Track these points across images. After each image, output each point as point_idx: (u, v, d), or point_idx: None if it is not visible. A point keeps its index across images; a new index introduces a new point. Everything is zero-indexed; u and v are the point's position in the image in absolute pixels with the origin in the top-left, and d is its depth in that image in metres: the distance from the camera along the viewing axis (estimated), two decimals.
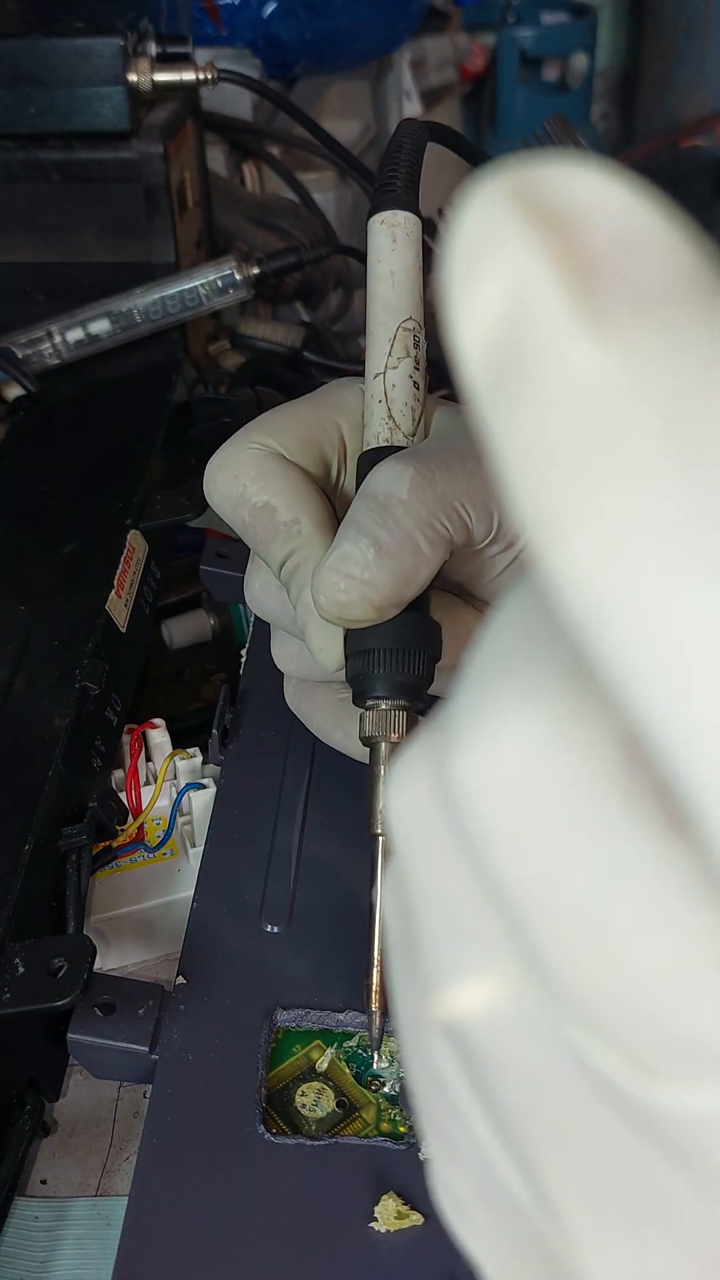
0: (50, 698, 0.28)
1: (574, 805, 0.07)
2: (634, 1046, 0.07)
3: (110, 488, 0.35)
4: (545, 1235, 0.09)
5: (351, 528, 0.21)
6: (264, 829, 0.28)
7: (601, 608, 0.06)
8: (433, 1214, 0.21)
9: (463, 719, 0.08)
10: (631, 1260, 0.09)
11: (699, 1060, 0.07)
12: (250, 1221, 0.21)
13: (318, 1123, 0.23)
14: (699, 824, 0.06)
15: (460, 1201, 0.11)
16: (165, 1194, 0.21)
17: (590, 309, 0.06)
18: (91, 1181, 0.24)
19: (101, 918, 0.28)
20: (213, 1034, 0.24)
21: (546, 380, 0.06)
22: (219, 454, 0.24)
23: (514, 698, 0.07)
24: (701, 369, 0.06)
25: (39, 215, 0.43)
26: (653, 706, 0.06)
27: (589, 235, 0.06)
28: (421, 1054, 0.10)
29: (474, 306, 0.07)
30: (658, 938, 0.07)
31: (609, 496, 0.06)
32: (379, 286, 0.24)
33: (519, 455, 0.07)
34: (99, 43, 0.40)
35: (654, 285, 0.06)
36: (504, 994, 0.09)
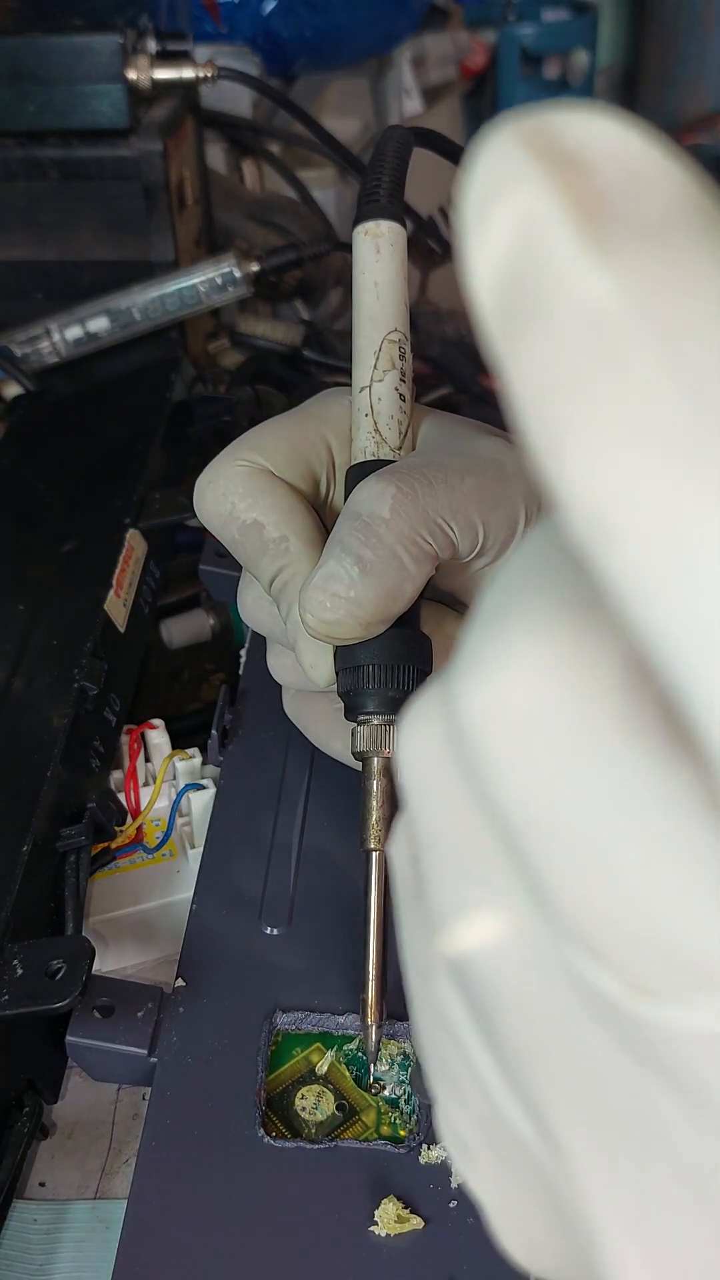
0: (49, 697, 0.28)
1: (577, 732, 0.07)
2: (634, 968, 0.08)
3: (109, 487, 0.35)
4: (547, 1167, 0.10)
5: (336, 546, 0.21)
6: (263, 830, 0.28)
7: (605, 521, 0.06)
8: (433, 1218, 0.21)
9: (469, 657, 0.08)
10: (632, 1188, 0.09)
11: (696, 978, 0.07)
12: (250, 1225, 0.21)
13: (318, 1126, 0.23)
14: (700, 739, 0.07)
15: (465, 1142, 0.11)
16: (164, 1197, 0.21)
17: (595, 239, 0.06)
18: (90, 1184, 0.24)
19: (100, 919, 0.27)
20: (212, 1036, 0.23)
21: (555, 306, 0.07)
22: (207, 471, 0.24)
23: (518, 633, 0.08)
24: (700, 291, 0.06)
25: (38, 213, 0.43)
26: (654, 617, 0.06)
27: (595, 173, 0.07)
28: (428, 998, 0.10)
29: (487, 243, 0.07)
30: (659, 859, 0.07)
31: (611, 411, 0.06)
32: (363, 298, 0.24)
33: (528, 379, 0.07)
34: (98, 40, 0.40)
35: (656, 216, 0.06)
36: (508, 927, 0.09)
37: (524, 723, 0.08)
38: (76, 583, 0.31)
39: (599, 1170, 0.09)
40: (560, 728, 0.08)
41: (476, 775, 0.08)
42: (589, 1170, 0.09)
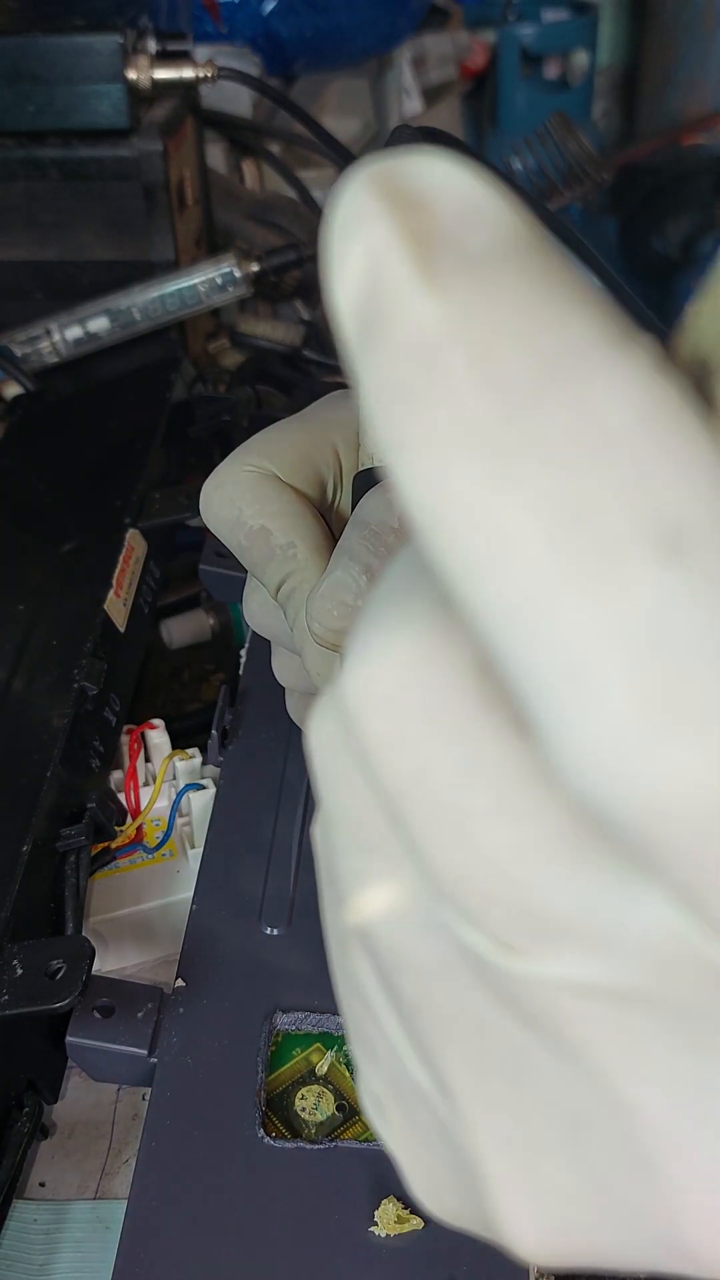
0: (48, 697, 0.28)
1: (438, 711, 0.08)
2: (495, 925, 0.08)
3: (109, 487, 0.35)
4: (444, 1117, 0.10)
5: (344, 555, 0.21)
6: (264, 830, 0.28)
7: (430, 518, 0.07)
8: (433, 1219, 0.21)
9: (351, 650, 0.09)
10: (513, 1134, 0.10)
11: (546, 931, 0.08)
12: (249, 1225, 0.21)
13: (317, 1126, 0.23)
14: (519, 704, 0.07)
15: (379, 1100, 0.12)
16: (164, 1197, 0.21)
17: (426, 270, 0.07)
18: (90, 1184, 0.24)
19: (100, 919, 0.27)
20: (212, 1037, 0.23)
21: (392, 327, 0.07)
22: (214, 476, 0.24)
23: (390, 624, 0.09)
24: (509, 311, 0.07)
25: (38, 213, 0.43)
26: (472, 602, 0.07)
27: (429, 210, 0.08)
28: (345, 966, 0.11)
29: (343, 275, 0.08)
30: (506, 822, 0.08)
31: (432, 417, 0.07)
32: None
33: (373, 392, 0.08)
34: (98, 40, 0.40)
35: (480, 247, 0.07)
36: (400, 894, 0.10)
37: (392, 701, 0.09)
38: (76, 583, 0.31)
39: (485, 1118, 0.10)
40: (423, 705, 0.08)
41: (359, 753, 0.09)
42: (476, 1118, 0.10)
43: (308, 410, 0.25)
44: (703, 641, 0.07)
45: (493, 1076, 0.09)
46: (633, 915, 0.08)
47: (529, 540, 0.07)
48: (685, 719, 0.07)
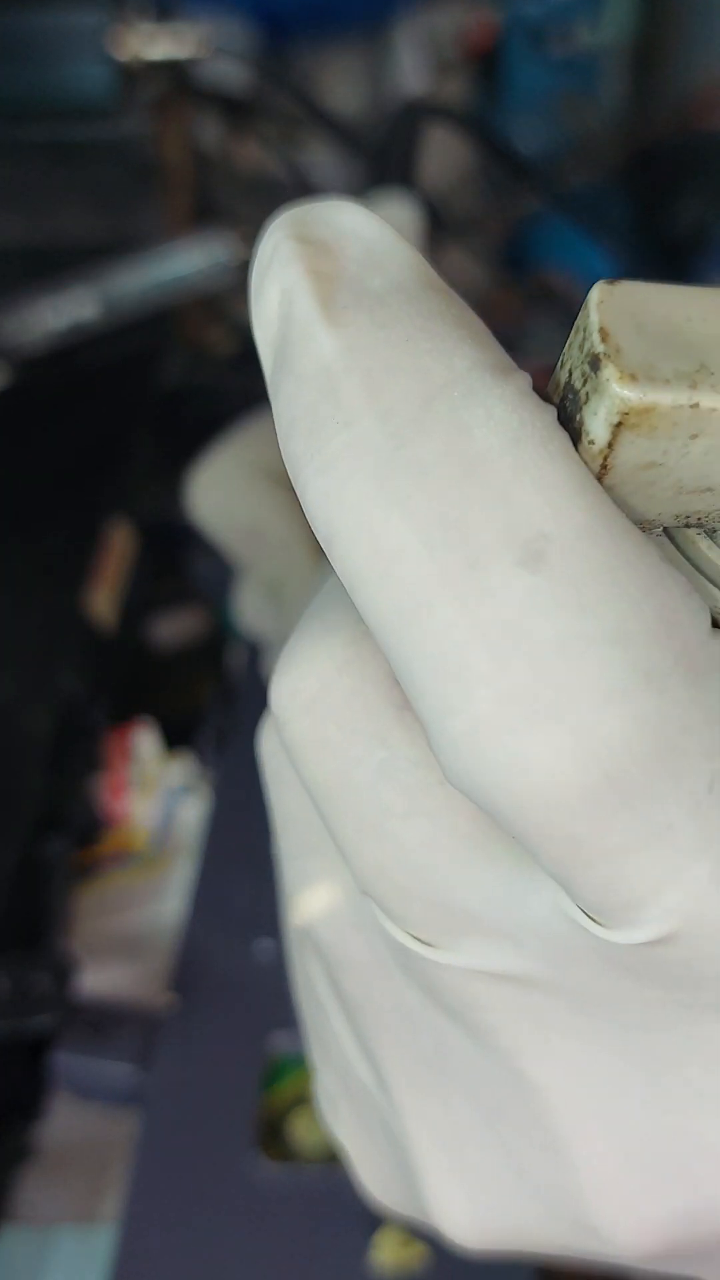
0: (32, 699, 0.27)
1: (356, 716, 0.09)
2: (412, 919, 0.09)
3: (97, 479, 0.34)
4: (382, 1108, 0.11)
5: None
6: (259, 838, 0.27)
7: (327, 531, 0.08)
8: (435, 1244, 0.20)
9: (281, 659, 0.10)
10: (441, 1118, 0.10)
11: (456, 923, 0.09)
12: (245, 1250, 0.20)
13: (316, 1148, 0.22)
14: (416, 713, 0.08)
15: (331, 1096, 0.12)
16: (156, 1222, 0.21)
17: (328, 307, 0.08)
18: (79, 1207, 0.23)
19: (85, 932, 0.27)
20: (205, 1055, 0.23)
21: (297, 358, 0.08)
22: (204, 469, 0.24)
23: (313, 635, 0.09)
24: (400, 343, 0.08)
25: (25, 194, 0.42)
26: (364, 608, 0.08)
27: (338, 255, 0.08)
28: (299, 967, 0.12)
29: (261, 311, 0.09)
30: (420, 822, 0.09)
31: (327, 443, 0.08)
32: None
33: (282, 419, 0.08)
34: (86, 16, 0.39)
35: (378, 288, 0.08)
36: (337, 894, 0.10)
37: (315, 707, 0.09)
38: (62, 579, 0.31)
39: (415, 1106, 0.10)
40: (342, 711, 0.09)
41: (289, 756, 0.10)
42: (408, 1107, 0.10)
43: None
44: (559, 640, 0.07)
45: (421, 1066, 0.10)
46: (529, 903, 0.08)
47: (409, 551, 0.08)
48: (543, 710, 0.07)
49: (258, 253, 0.09)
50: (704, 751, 0.07)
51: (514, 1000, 0.09)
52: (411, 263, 0.09)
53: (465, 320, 0.08)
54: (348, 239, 0.08)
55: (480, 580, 0.07)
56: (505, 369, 0.08)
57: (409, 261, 0.09)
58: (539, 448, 0.07)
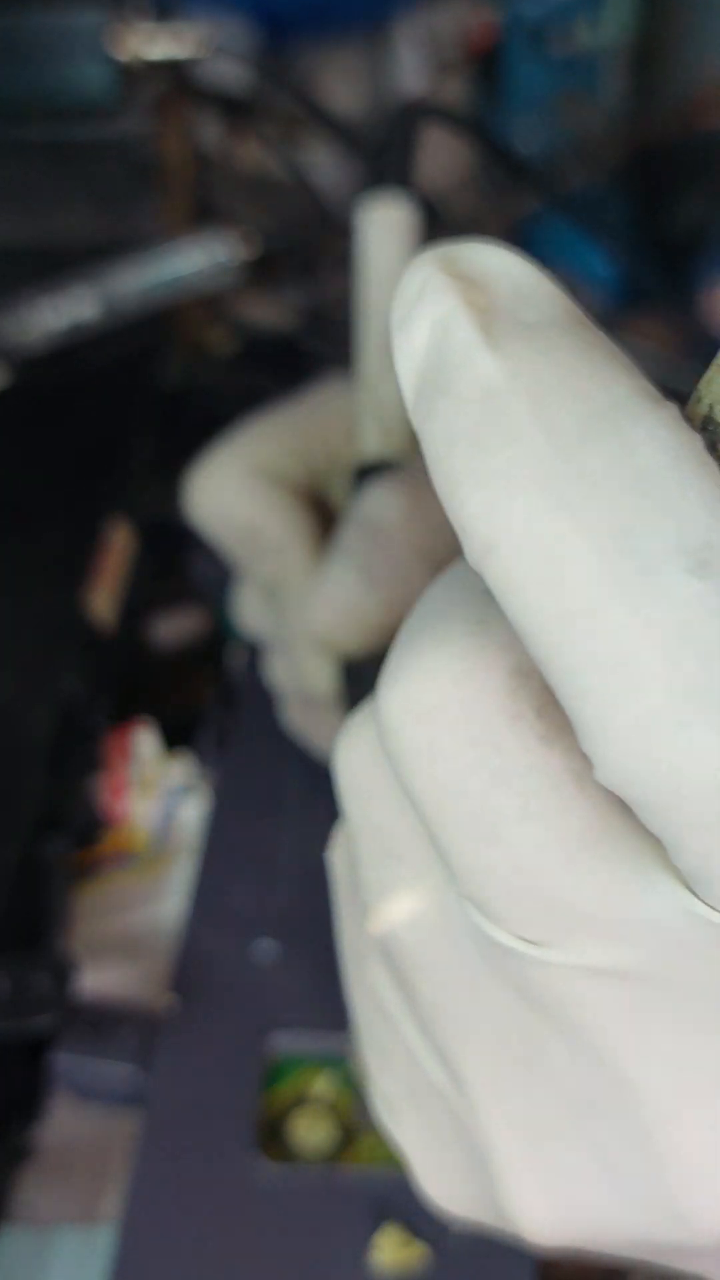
0: (32, 699, 0.27)
1: (471, 724, 0.09)
2: (517, 919, 0.09)
3: (97, 479, 0.34)
4: (458, 1110, 0.11)
5: (342, 554, 0.21)
6: (260, 839, 0.27)
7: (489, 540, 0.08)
8: (436, 1244, 0.20)
9: (391, 670, 0.10)
10: (524, 1115, 0.10)
11: (565, 922, 0.09)
12: (246, 1251, 0.20)
13: (316, 1150, 0.22)
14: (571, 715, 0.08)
15: (391, 1101, 0.13)
16: (157, 1221, 0.21)
17: (489, 334, 0.09)
18: (78, 1208, 0.23)
19: (85, 932, 0.27)
20: (205, 1056, 0.23)
21: (457, 381, 0.09)
22: (202, 469, 0.23)
23: (427, 645, 0.10)
24: (561, 370, 0.09)
25: (25, 194, 0.42)
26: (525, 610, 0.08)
27: (491, 289, 0.09)
28: (362, 980, 0.12)
29: (409, 341, 0.09)
30: (533, 822, 0.09)
31: (494, 457, 0.08)
32: (369, 291, 0.22)
33: (436, 439, 0.09)
34: (86, 15, 0.39)
35: (533, 320, 0.09)
36: (424, 900, 0.11)
37: (430, 717, 0.10)
38: (62, 579, 0.31)
39: (497, 1105, 0.11)
40: (458, 721, 0.09)
41: (394, 765, 0.10)
42: (489, 1106, 0.11)
43: (298, 401, 0.25)
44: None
45: (505, 1065, 0.10)
46: (645, 901, 0.09)
47: (580, 557, 0.08)
48: (713, 704, 0.08)
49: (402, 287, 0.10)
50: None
51: (616, 997, 0.09)
52: (560, 299, 0.09)
53: (616, 353, 0.09)
54: (497, 276, 0.09)
55: (652, 585, 0.08)
56: (657, 398, 0.09)
57: (557, 298, 0.09)
58: (699, 466, 0.08)
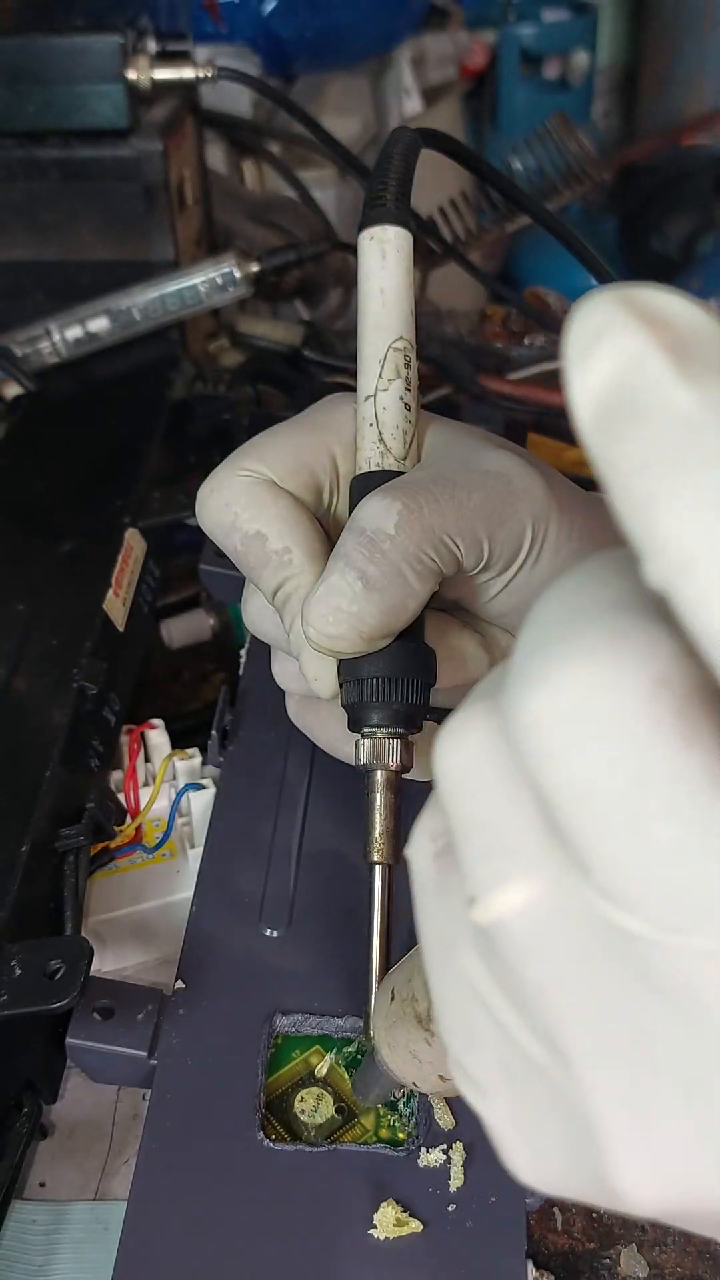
0: (48, 697, 0.28)
1: (615, 728, 0.10)
2: (651, 908, 0.10)
3: (109, 486, 0.35)
4: (561, 1087, 0.12)
5: (340, 560, 0.22)
6: (263, 831, 0.28)
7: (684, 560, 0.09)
8: (432, 1221, 0.21)
9: (527, 669, 0.10)
10: (633, 1096, 0.11)
11: (701, 912, 0.10)
12: (249, 1227, 0.21)
13: (317, 1129, 0.23)
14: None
15: (480, 1083, 0.13)
16: (164, 1198, 0.21)
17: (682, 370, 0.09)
18: (90, 1185, 0.24)
19: (99, 919, 0.27)
20: (211, 1038, 0.23)
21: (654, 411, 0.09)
22: (210, 480, 0.24)
23: (571, 649, 0.10)
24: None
25: (38, 213, 0.43)
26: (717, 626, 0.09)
27: (674, 328, 0.10)
28: (450, 967, 0.13)
29: (589, 374, 0.10)
30: (675, 823, 0.10)
31: (694, 481, 0.09)
32: (369, 305, 0.23)
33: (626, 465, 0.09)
34: (98, 40, 0.40)
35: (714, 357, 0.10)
36: (538, 892, 0.11)
37: (573, 719, 0.10)
38: (76, 582, 0.31)
39: (608, 1084, 0.11)
40: (602, 725, 0.10)
41: (527, 765, 0.10)
42: (599, 1085, 0.11)
43: (304, 413, 0.25)
44: None
45: (618, 1048, 0.11)
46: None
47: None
48: None
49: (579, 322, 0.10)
50: None
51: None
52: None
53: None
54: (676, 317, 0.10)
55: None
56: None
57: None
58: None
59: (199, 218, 0.47)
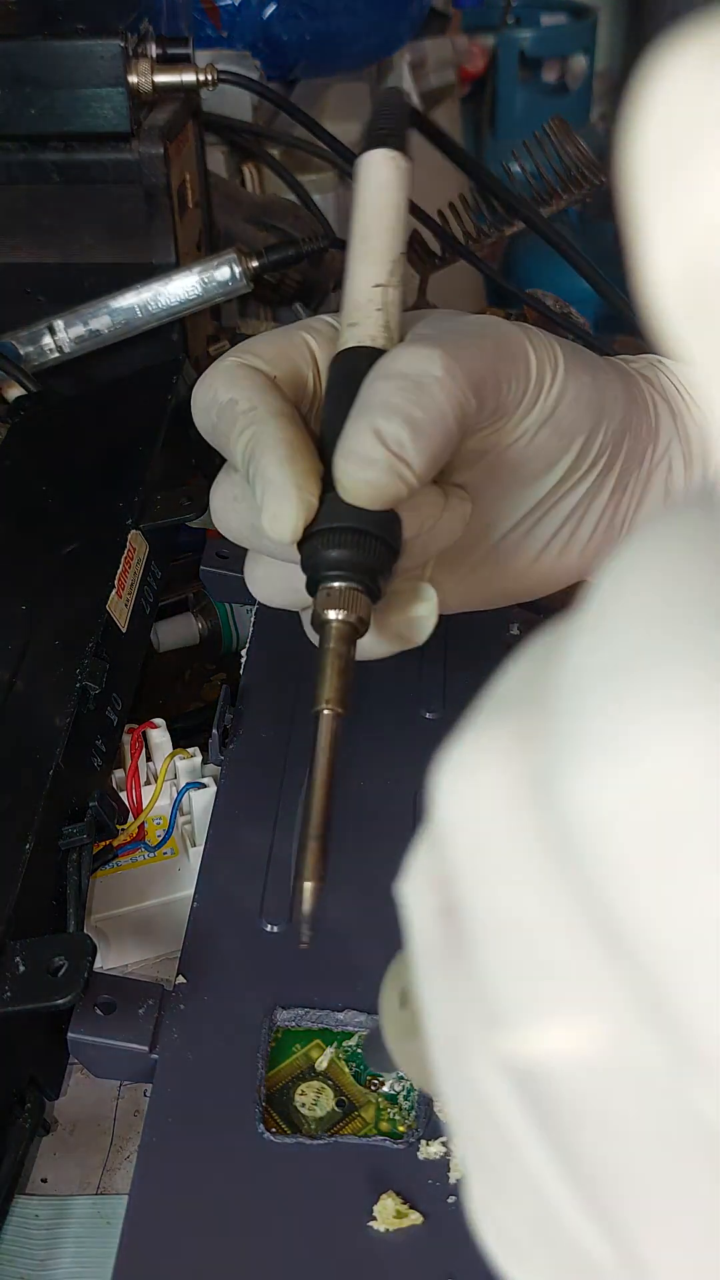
0: (51, 697, 0.28)
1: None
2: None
3: (111, 488, 0.35)
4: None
5: (378, 408, 0.21)
6: (264, 828, 0.28)
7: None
8: (431, 1213, 0.21)
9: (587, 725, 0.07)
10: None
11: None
12: (250, 1221, 0.21)
13: (317, 1122, 0.23)
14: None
15: (513, 1240, 0.10)
16: (166, 1193, 0.21)
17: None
18: (92, 1180, 0.24)
19: (102, 917, 0.28)
20: (213, 1033, 0.24)
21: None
22: (201, 376, 0.25)
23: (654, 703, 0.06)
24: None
25: (39, 216, 0.43)
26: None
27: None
28: (464, 1079, 0.10)
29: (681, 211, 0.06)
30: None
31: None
32: (387, 211, 0.25)
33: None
34: (99, 44, 0.40)
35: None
36: (601, 1039, 0.08)
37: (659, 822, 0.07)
38: (79, 583, 0.32)
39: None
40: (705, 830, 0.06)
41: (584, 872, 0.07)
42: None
43: (289, 325, 0.27)
44: None
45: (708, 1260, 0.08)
46: None
47: None
48: None
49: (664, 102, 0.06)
50: None
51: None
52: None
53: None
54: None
55: None
56: None
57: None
58: None
59: (200, 221, 0.47)
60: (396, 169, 0.25)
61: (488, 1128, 0.09)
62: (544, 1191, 0.09)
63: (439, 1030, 0.10)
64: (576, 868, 0.07)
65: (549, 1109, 0.09)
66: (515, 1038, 0.08)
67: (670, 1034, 0.07)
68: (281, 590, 0.24)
